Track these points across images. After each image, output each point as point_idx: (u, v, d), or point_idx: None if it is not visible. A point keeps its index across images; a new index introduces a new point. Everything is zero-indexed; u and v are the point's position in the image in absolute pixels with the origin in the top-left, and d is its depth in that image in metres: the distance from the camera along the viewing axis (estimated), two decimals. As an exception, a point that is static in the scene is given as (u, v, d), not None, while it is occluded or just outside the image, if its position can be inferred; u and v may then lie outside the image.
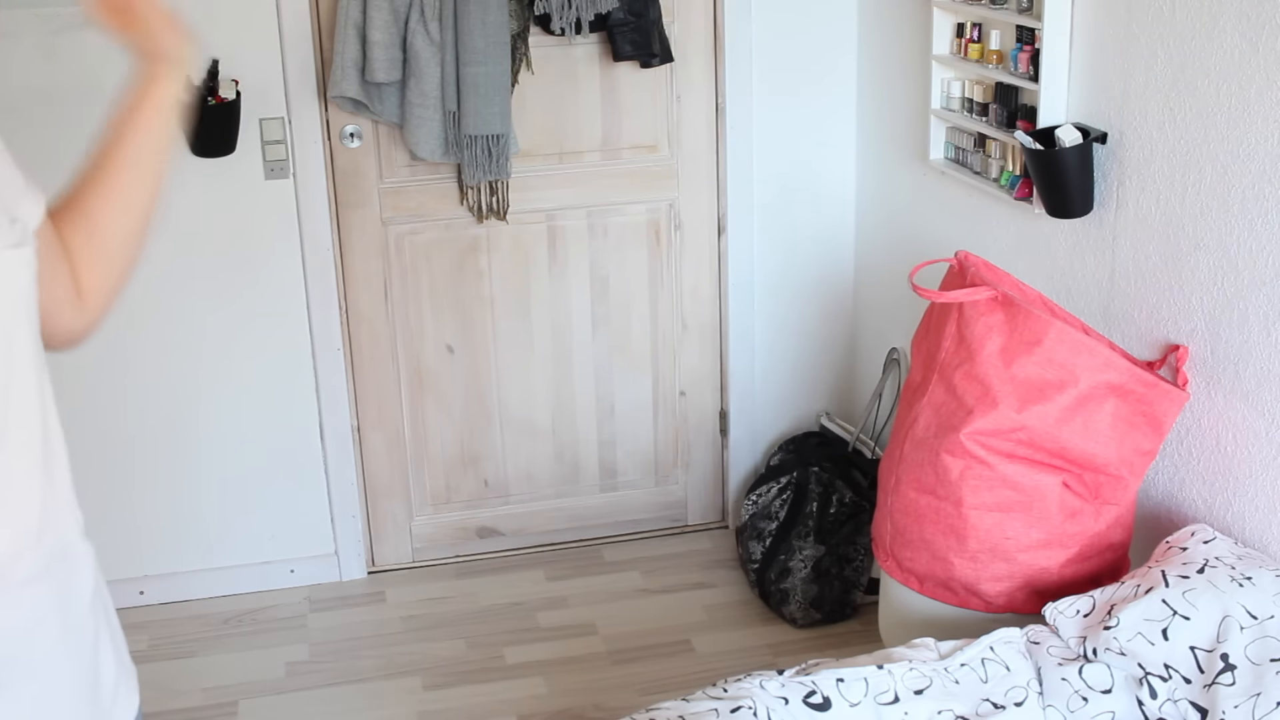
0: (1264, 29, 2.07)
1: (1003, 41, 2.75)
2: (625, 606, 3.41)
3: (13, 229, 1.20)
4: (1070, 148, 2.44)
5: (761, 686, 1.90)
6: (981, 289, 2.26)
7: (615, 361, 3.60)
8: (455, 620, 3.38)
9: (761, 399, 3.71)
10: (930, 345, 2.39)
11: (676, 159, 3.47)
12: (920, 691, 1.94)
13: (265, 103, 3.17)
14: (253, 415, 3.40)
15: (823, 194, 3.56)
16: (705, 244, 3.56)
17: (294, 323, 3.35)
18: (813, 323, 3.68)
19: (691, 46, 3.39)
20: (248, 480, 3.44)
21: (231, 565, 3.49)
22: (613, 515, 3.73)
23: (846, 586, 3.26)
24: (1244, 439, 2.22)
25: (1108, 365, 2.20)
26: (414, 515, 3.62)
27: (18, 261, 1.21)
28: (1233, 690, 1.88)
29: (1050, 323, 2.20)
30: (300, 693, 3.10)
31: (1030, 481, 2.24)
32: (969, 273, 2.33)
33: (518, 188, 3.36)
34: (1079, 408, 2.21)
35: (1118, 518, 2.31)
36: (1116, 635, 1.97)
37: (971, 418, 2.24)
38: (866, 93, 3.44)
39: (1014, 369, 2.21)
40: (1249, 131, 2.13)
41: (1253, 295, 2.16)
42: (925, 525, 2.33)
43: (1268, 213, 2.11)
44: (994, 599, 2.30)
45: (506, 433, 3.59)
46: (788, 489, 3.37)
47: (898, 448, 2.40)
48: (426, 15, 3.05)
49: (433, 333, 3.47)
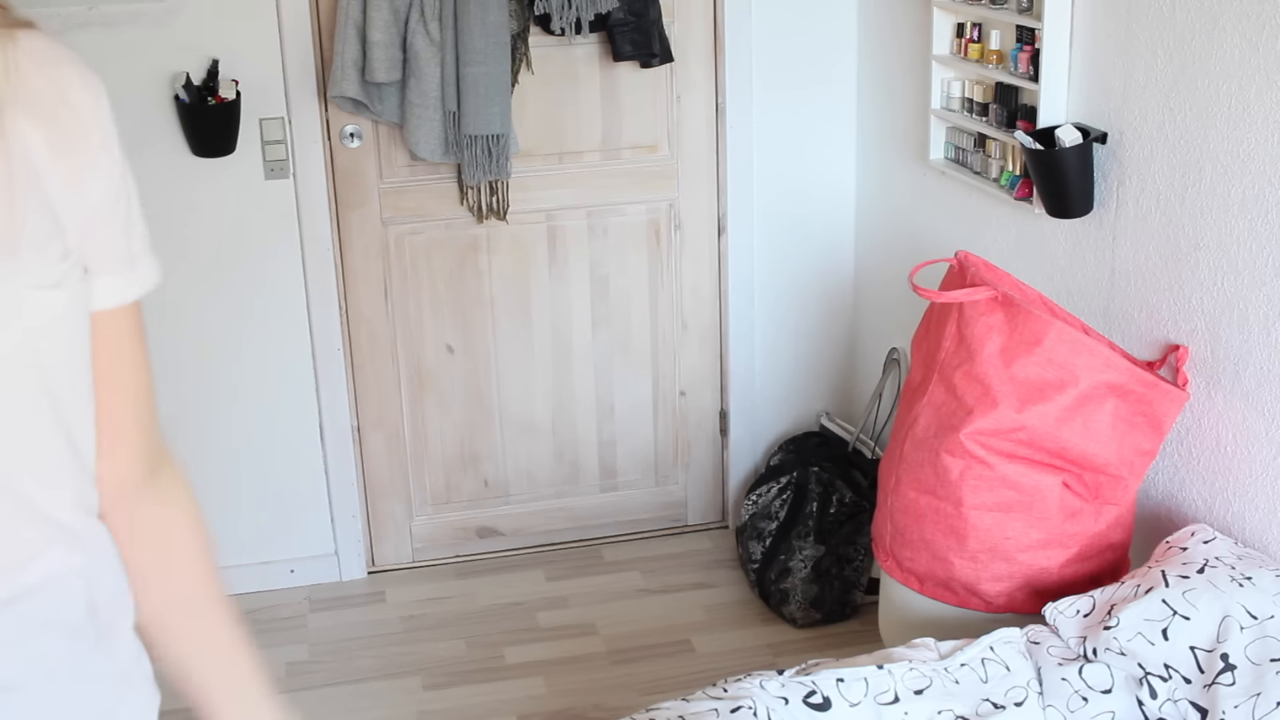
0: (1264, 29, 2.07)
1: (1003, 41, 2.75)
2: (625, 606, 3.41)
3: (59, 265, 1.07)
4: (1070, 148, 2.44)
5: (761, 686, 1.90)
6: (981, 289, 2.26)
7: (615, 361, 3.60)
8: (455, 620, 3.38)
9: (761, 399, 3.71)
10: (930, 345, 2.39)
11: (676, 159, 3.47)
12: (920, 691, 1.94)
13: (265, 103, 3.17)
14: (253, 415, 3.40)
15: (823, 194, 3.56)
16: (705, 244, 3.56)
17: (294, 323, 3.35)
18: (813, 323, 3.68)
19: (691, 46, 3.39)
20: (248, 480, 3.44)
21: (231, 565, 3.49)
22: (613, 515, 3.73)
23: (846, 586, 3.26)
24: (1244, 439, 2.22)
25: (1108, 365, 2.20)
26: (414, 515, 3.62)
27: (45, 306, 1.07)
28: (1233, 690, 1.88)
29: (1050, 323, 2.20)
30: (300, 693, 3.10)
31: (1030, 481, 2.24)
32: (969, 273, 2.33)
33: (518, 188, 3.36)
34: (1079, 408, 2.21)
35: (1118, 518, 2.31)
36: (1116, 635, 1.97)
37: (971, 418, 2.24)
38: (866, 93, 3.44)
39: (1014, 369, 2.21)
40: (1249, 131, 2.13)
41: (1253, 295, 2.16)
42: (925, 525, 2.33)
43: (1268, 213, 2.11)
44: (994, 599, 2.30)
45: (506, 433, 3.59)
46: (788, 489, 3.37)
47: (898, 448, 2.40)
48: (426, 15, 3.05)
49: (433, 333, 3.47)
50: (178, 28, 3.08)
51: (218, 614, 1.32)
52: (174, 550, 1.28)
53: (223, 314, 3.30)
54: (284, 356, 3.37)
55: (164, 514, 1.27)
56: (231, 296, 3.30)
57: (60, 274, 1.08)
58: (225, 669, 1.34)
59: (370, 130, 3.29)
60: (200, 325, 3.29)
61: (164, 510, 1.27)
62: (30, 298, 1.06)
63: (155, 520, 1.26)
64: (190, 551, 1.30)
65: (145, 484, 1.25)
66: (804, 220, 3.57)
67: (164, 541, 1.28)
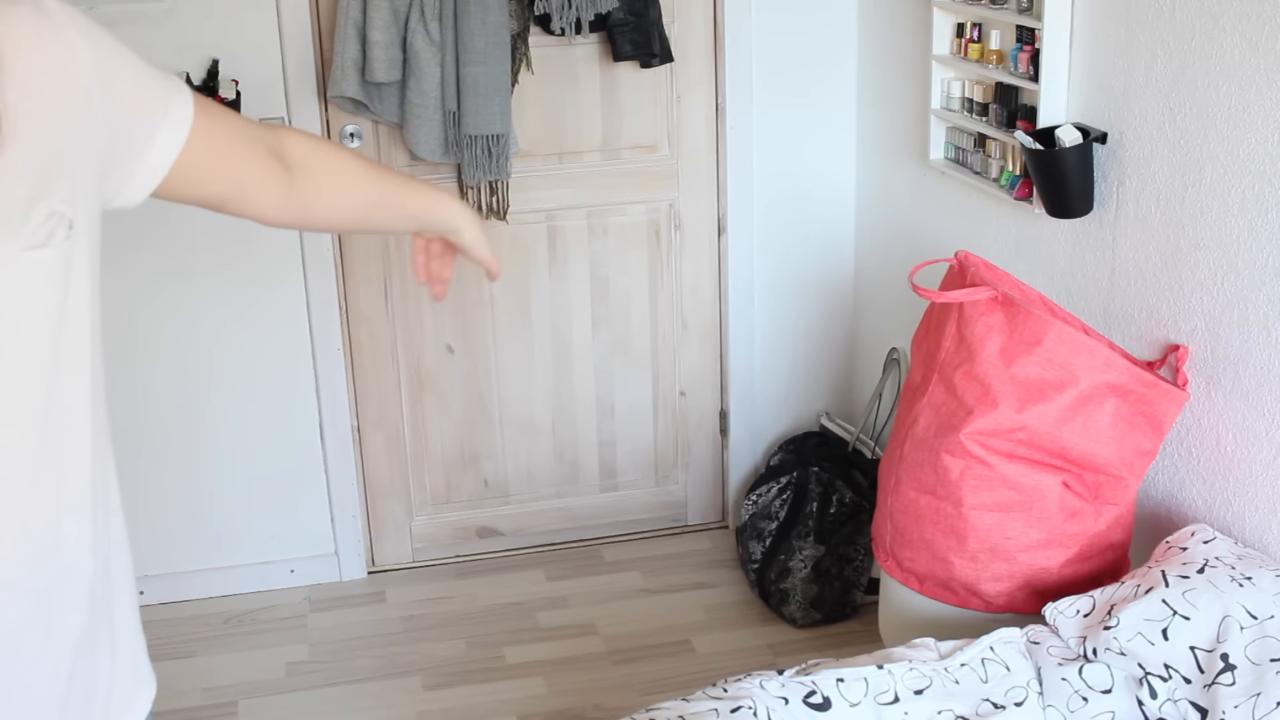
0: (1264, 29, 2.07)
1: (1003, 41, 2.75)
2: (625, 606, 3.41)
3: (45, 224, 1.08)
4: (1070, 148, 2.44)
5: (761, 686, 1.90)
6: (981, 289, 2.26)
7: (615, 361, 3.60)
8: (455, 620, 3.38)
9: (761, 399, 3.71)
10: (930, 345, 2.39)
11: (676, 159, 3.47)
12: (920, 691, 1.94)
13: (265, 103, 3.17)
14: (253, 415, 3.40)
15: (823, 194, 3.56)
16: (705, 244, 3.56)
17: (294, 323, 3.35)
18: (813, 323, 3.68)
19: (691, 46, 3.39)
20: (248, 480, 3.44)
21: (231, 565, 3.49)
22: (613, 515, 3.73)
23: (846, 586, 3.26)
24: (1244, 439, 2.22)
25: (1107, 365, 2.20)
26: (414, 515, 3.62)
27: (35, 265, 1.08)
28: (1233, 690, 1.88)
29: (1050, 323, 2.20)
30: (300, 693, 3.10)
31: (1030, 481, 2.24)
32: (969, 273, 2.33)
33: (518, 188, 3.36)
34: (1079, 408, 2.21)
35: (1118, 518, 2.31)
36: (1116, 635, 1.97)
37: (971, 418, 2.24)
38: (866, 93, 3.44)
39: (1014, 369, 2.21)
40: (1249, 131, 2.13)
41: (1253, 295, 2.16)
42: (925, 525, 2.33)
43: (1268, 213, 2.11)
44: (994, 599, 2.30)
45: (506, 433, 3.59)
46: (788, 489, 3.37)
47: (898, 448, 2.40)
48: (426, 15, 3.05)
49: (433, 333, 3.47)
50: (178, 28, 3.08)
51: (386, 172, 1.55)
52: (341, 185, 1.49)
53: (223, 314, 3.30)
54: (284, 356, 3.37)
55: (316, 179, 1.45)
56: (232, 296, 3.30)
57: (47, 233, 1.10)
58: (411, 191, 1.58)
59: (370, 130, 3.29)
60: (201, 325, 3.29)
61: (311, 180, 1.44)
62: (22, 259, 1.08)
63: (317, 188, 1.45)
64: (345, 172, 1.49)
65: (290, 179, 1.42)
66: (804, 220, 3.57)
67: (330, 191, 1.47)
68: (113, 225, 1.18)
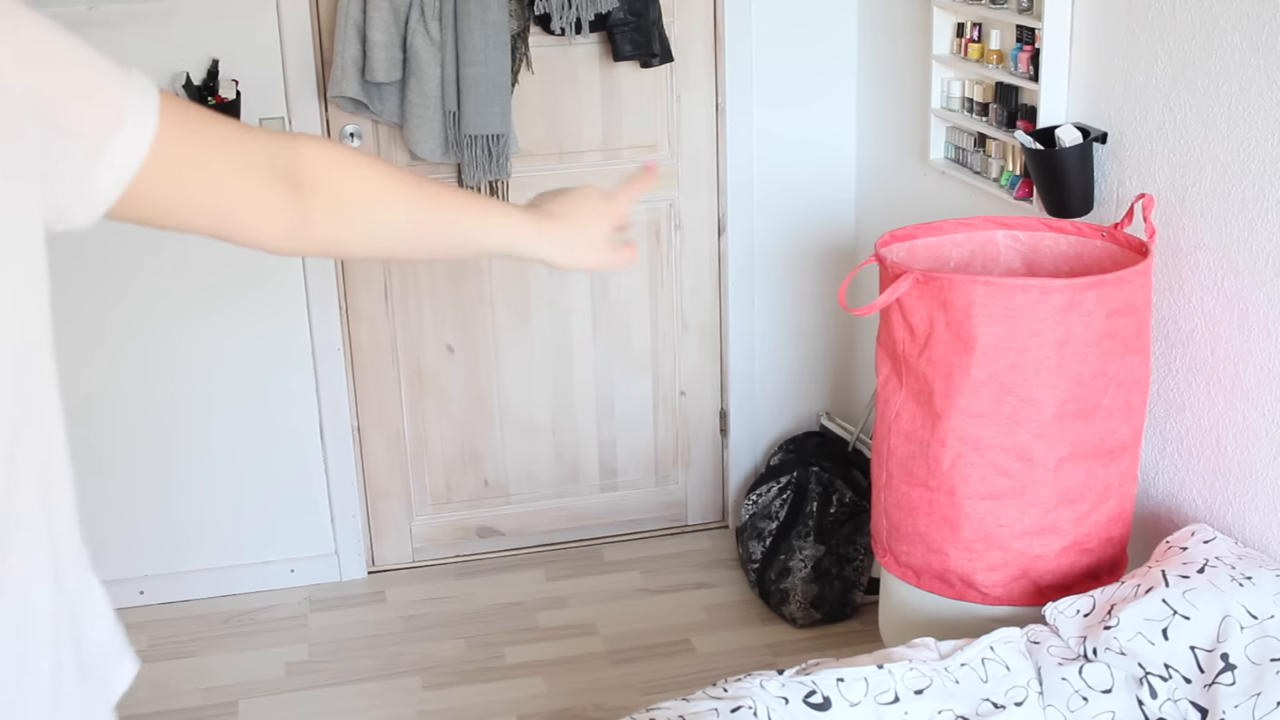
0: (1264, 29, 2.07)
1: (1003, 41, 2.75)
2: (625, 606, 3.41)
3: None
4: (1070, 147, 2.44)
5: (761, 686, 1.91)
6: (903, 279, 2.22)
7: (615, 361, 3.60)
8: (455, 620, 3.38)
9: (761, 399, 3.71)
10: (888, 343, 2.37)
11: (676, 159, 3.47)
12: (920, 691, 1.94)
13: (265, 103, 3.17)
14: (253, 415, 3.40)
15: (823, 193, 3.56)
16: (705, 244, 3.56)
17: (294, 323, 3.35)
18: (812, 323, 3.68)
19: (691, 46, 3.39)
20: (248, 480, 3.44)
21: (231, 565, 3.49)
22: (613, 515, 3.73)
23: (846, 586, 3.26)
24: (1244, 439, 2.22)
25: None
26: (414, 515, 3.62)
27: None
28: (1233, 690, 1.88)
29: (973, 282, 2.13)
30: (300, 693, 3.10)
31: (1022, 467, 2.23)
32: (889, 265, 2.29)
33: (518, 188, 3.36)
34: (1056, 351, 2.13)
35: (1118, 512, 2.31)
36: (1116, 635, 1.97)
37: (950, 400, 2.20)
38: (866, 92, 3.44)
39: (966, 337, 2.16)
40: (1249, 131, 2.13)
41: (1253, 295, 2.16)
42: (919, 517, 2.32)
43: (1268, 213, 2.11)
44: (990, 589, 2.30)
45: (506, 433, 3.59)
46: (788, 489, 3.37)
47: (883, 443, 2.39)
48: (426, 15, 3.05)
49: (433, 333, 3.47)
50: (178, 28, 3.08)
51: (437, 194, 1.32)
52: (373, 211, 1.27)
53: (223, 314, 3.30)
54: (284, 356, 3.37)
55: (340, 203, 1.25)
56: (232, 296, 3.30)
57: None
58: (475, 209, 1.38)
59: (370, 130, 3.29)
60: (201, 324, 3.29)
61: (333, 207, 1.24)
62: None
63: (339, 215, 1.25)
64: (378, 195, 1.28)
65: (303, 206, 1.21)
66: (804, 220, 3.57)
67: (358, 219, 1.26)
68: (112, 224, 1.13)
